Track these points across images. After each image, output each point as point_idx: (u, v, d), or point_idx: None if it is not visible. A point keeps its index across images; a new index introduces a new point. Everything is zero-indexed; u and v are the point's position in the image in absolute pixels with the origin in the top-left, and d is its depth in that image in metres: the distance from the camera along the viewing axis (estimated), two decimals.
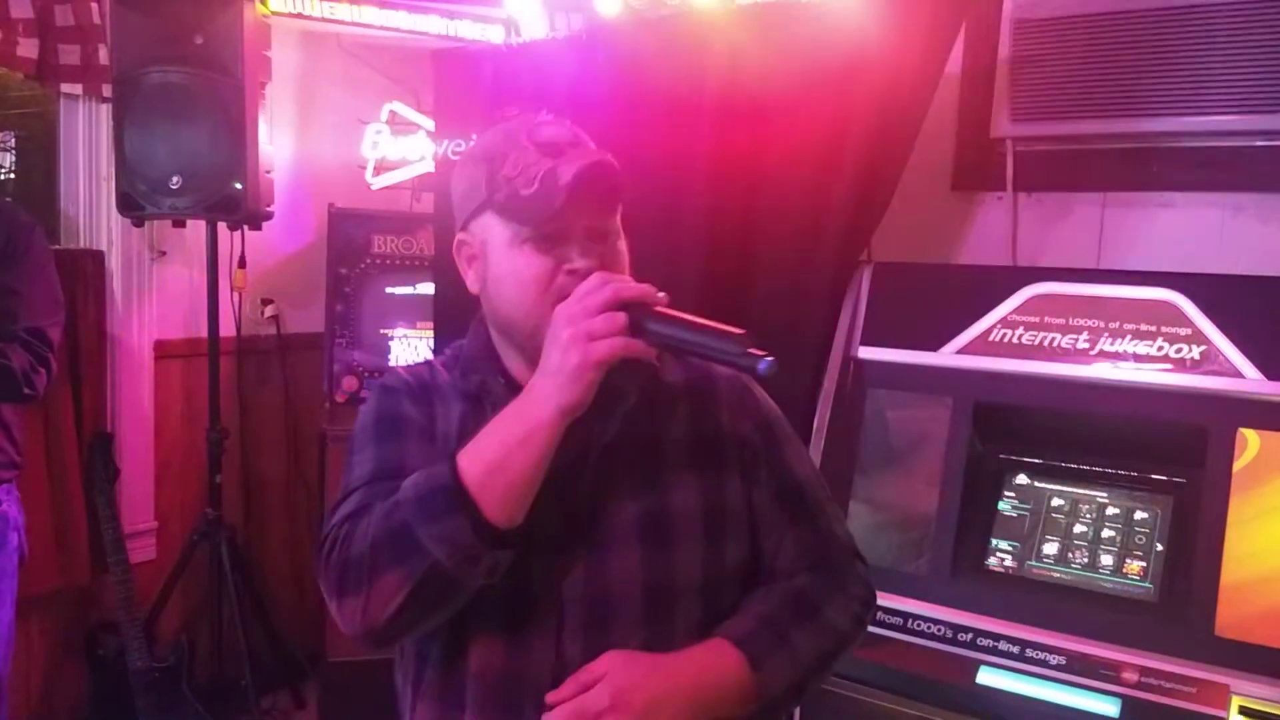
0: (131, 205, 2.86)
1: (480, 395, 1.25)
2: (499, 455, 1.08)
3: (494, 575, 1.10)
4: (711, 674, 1.14)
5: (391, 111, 3.48)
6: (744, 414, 1.29)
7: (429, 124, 3.34)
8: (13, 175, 3.95)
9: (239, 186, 2.82)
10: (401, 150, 3.48)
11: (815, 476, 1.34)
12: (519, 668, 1.17)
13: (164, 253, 3.22)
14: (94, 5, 2.93)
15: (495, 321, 1.25)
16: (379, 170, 3.48)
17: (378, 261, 3.26)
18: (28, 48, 2.83)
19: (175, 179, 2.79)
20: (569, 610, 1.16)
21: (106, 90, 2.95)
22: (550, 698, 1.11)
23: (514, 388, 1.20)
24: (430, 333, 3.17)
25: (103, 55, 2.94)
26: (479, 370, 1.27)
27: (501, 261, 1.19)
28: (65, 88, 2.99)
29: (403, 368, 1.34)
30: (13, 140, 3.93)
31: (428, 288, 3.23)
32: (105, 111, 3.02)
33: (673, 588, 1.19)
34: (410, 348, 3.26)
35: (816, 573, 1.26)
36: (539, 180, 1.13)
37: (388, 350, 3.24)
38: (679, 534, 1.21)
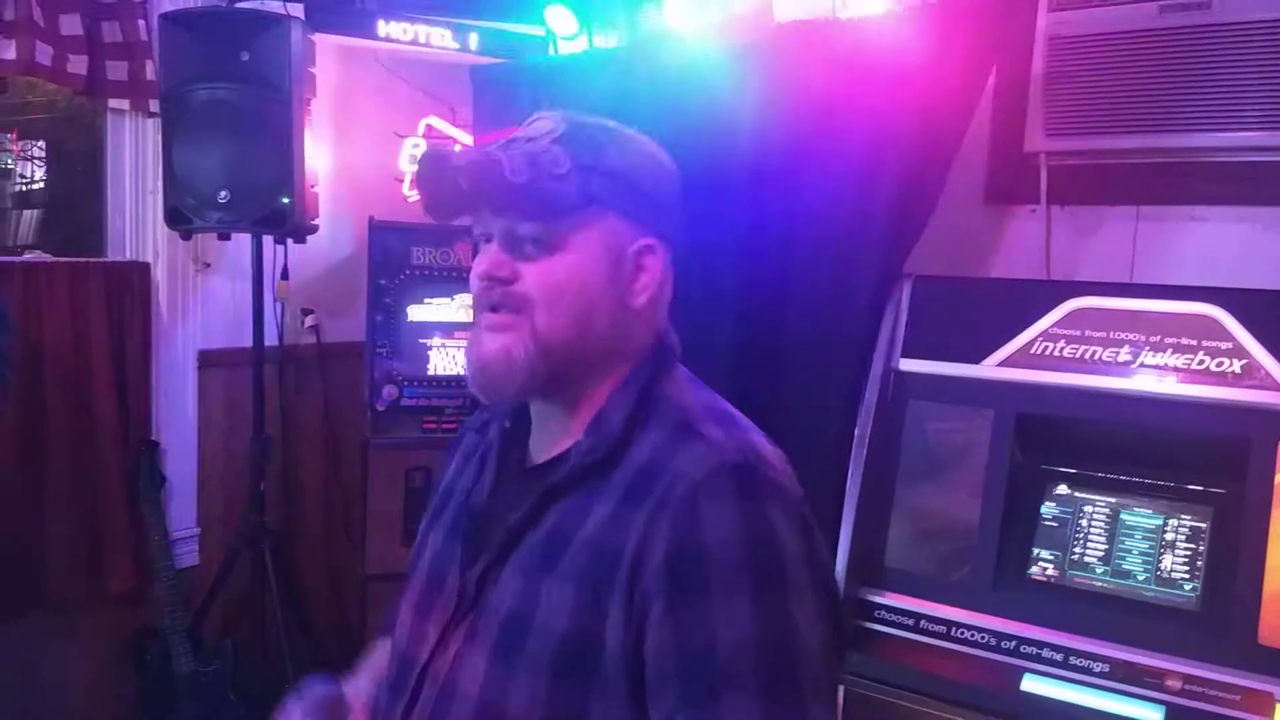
0: (179, 219, 2.91)
1: (478, 442, 1.23)
2: None
3: None
4: None
5: (428, 126, 3.53)
6: (668, 533, 0.97)
7: (465, 138, 3.39)
8: (42, 185, 4.00)
9: (286, 201, 2.87)
10: None
11: (748, 647, 0.94)
12: None
13: (208, 264, 3.28)
14: (141, 22, 2.99)
15: None
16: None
17: (416, 273, 3.32)
18: (77, 64, 2.88)
19: (223, 193, 2.84)
20: (424, 695, 1.08)
21: (153, 105, 3.01)
22: None
23: (512, 433, 1.17)
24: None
25: (149, 71, 3.00)
26: (490, 409, 1.23)
27: None
28: (113, 103, 3.04)
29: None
30: (35, 149, 3.97)
31: (465, 298, 3.27)
32: (151, 126, 3.09)
33: (503, 714, 1.01)
34: (449, 358, 3.31)
35: None
36: None
37: (426, 360, 3.29)
38: (528, 657, 1.00)
